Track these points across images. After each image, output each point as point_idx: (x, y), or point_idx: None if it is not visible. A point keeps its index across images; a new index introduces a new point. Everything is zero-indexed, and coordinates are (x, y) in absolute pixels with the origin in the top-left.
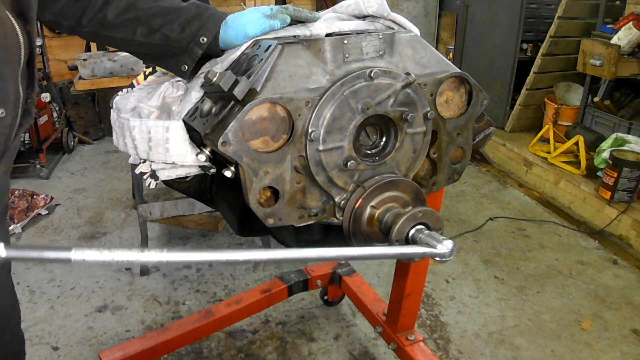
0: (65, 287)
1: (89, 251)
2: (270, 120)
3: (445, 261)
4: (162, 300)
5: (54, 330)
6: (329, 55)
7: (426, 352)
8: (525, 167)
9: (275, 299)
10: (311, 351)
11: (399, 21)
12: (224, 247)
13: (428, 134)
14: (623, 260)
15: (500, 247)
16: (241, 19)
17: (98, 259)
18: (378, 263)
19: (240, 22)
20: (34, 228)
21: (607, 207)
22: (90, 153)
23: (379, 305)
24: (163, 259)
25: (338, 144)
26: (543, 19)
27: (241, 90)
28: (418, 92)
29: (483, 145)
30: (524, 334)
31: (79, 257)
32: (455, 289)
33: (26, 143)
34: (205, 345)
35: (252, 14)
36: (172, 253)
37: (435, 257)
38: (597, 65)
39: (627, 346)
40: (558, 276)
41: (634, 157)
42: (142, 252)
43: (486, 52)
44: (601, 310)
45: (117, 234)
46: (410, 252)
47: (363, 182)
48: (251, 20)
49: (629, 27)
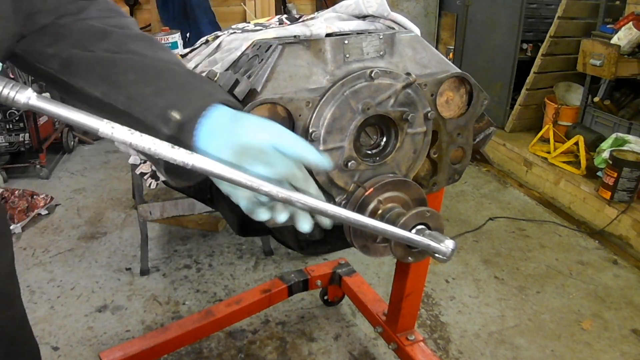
0: (65, 287)
1: (119, 127)
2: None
3: (445, 260)
4: (162, 300)
5: (54, 330)
6: (329, 56)
7: (426, 352)
8: (525, 167)
9: (275, 299)
10: (311, 351)
11: (399, 21)
12: (223, 247)
13: (428, 134)
14: (623, 260)
15: (500, 247)
16: (247, 127)
17: (126, 138)
18: (378, 263)
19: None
20: (34, 228)
21: (607, 207)
22: (90, 153)
23: (379, 305)
24: (189, 161)
25: (338, 144)
26: (543, 19)
27: (241, 91)
28: (418, 92)
29: (483, 146)
30: (524, 334)
31: (108, 130)
32: (455, 289)
33: (26, 143)
34: (205, 345)
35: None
36: (199, 157)
37: (436, 253)
38: (597, 65)
39: (627, 346)
40: (558, 276)
41: (634, 157)
42: (171, 147)
43: (486, 52)
44: (601, 310)
45: (117, 234)
46: (416, 239)
47: (363, 183)
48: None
49: (629, 27)
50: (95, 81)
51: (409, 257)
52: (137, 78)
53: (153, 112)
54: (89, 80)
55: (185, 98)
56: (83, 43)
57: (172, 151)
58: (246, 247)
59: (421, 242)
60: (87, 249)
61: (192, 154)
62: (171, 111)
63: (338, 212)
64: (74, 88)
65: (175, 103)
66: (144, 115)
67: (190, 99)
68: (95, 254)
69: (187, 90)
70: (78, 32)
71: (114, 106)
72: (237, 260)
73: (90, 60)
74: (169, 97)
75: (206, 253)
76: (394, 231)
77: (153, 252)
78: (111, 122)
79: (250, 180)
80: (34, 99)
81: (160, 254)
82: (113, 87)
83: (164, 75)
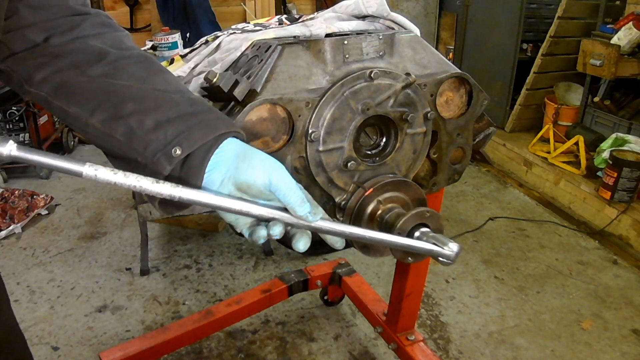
0: (65, 287)
1: (102, 169)
2: (271, 121)
3: (450, 264)
4: (162, 300)
5: (54, 330)
6: (329, 56)
7: (426, 352)
8: (525, 167)
9: (275, 299)
10: (311, 351)
11: (399, 21)
12: (223, 247)
13: (428, 134)
14: (623, 260)
15: (500, 247)
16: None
17: (110, 178)
18: (378, 263)
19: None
20: (34, 228)
21: (607, 207)
22: (90, 153)
23: (379, 305)
24: (176, 194)
25: (338, 145)
26: (543, 19)
27: (241, 91)
28: (418, 93)
29: (483, 146)
30: (524, 334)
31: (91, 172)
32: (455, 289)
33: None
34: (205, 345)
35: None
36: (185, 190)
37: (441, 257)
38: (597, 65)
39: (627, 346)
40: (558, 276)
41: (634, 157)
42: (156, 183)
43: (486, 52)
44: (601, 310)
45: (117, 234)
46: (418, 246)
47: (363, 183)
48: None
49: (629, 27)
50: (92, 108)
51: (409, 257)
52: (137, 108)
53: (153, 147)
54: (85, 106)
55: (188, 133)
56: (78, 65)
57: (156, 186)
58: (246, 247)
59: (424, 248)
60: (87, 249)
61: (177, 186)
62: (173, 147)
63: (334, 227)
64: (69, 113)
65: (177, 138)
66: (145, 149)
67: (193, 133)
68: (95, 254)
69: (190, 122)
70: (72, 54)
71: (113, 136)
72: (237, 260)
73: (87, 85)
74: (171, 130)
75: (206, 253)
76: (394, 240)
77: (153, 252)
78: (94, 164)
79: (239, 205)
80: (14, 150)
81: (160, 254)
82: (111, 116)
83: (164, 106)
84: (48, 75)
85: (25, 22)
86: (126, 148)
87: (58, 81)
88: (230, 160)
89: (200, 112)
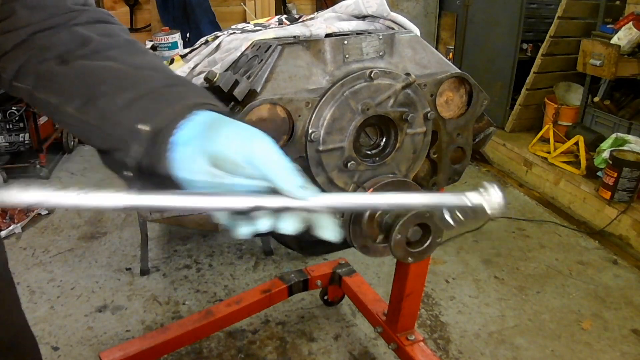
0: (65, 287)
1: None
2: (271, 121)
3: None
4: (162, 300)
5: (54, 330)
6: (329, 56)
7: (426, 352)
8: (525, 167)
9: (275, 299)
10: (311, 351)
11: (399, 21)
12: (223, 247)
13: (428, 134)
14: (623, 260)
15: (500, 247)
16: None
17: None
18: (378, 263)
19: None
20: (34, 228)
21: (607, 207)
22: (90, 153)
23: (379, 305)
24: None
25: (338, 145)
26: (543, 19)
27: (241, 91)
28: (418, 93)
29: (483, 146)
30: (524, 334)
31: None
32: (455, 289)
33: (26, 143)
34: (205, 345)
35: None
36: (144, 196)
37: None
38: (597, 65)
39: (627, 346)
40: (558, 276)
41: (634, 157)
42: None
43: (486, 52)
44: (601, 310)
45: (117, 234)
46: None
47: (363, 183)
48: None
49: (629, 27)
50: (70, 96)
51: (409, 257)
52: (110, 89)
53: (123, 127)
54: (63, 94)
55: (156, 107)
56: (61, 54)
57: (117, 198)
58: (246, 247)
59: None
60: (87, 249)
61: (139, 194)
62: (139, 124)
63: (339, 201)
64: (50, 105)
65: (144, 114)
66: (114, 131)
67: (161, 107)
68: (95, 254)
69: (159, 97)
70: (59, 43)
71: (88, 122)
72: (237, 260)
73: (66, 73)
74: (139, 108)
75: (206, 253)
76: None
77: (153, 252)
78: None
79: (205, 201)
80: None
81: (160, 254)
82: (87, 101)
83: (137, 84)
84: (32, 66)
85: (22, 23)
86: (100, 132)
87: (40, 72)
88: (198, 130)
89: (174, 84)
